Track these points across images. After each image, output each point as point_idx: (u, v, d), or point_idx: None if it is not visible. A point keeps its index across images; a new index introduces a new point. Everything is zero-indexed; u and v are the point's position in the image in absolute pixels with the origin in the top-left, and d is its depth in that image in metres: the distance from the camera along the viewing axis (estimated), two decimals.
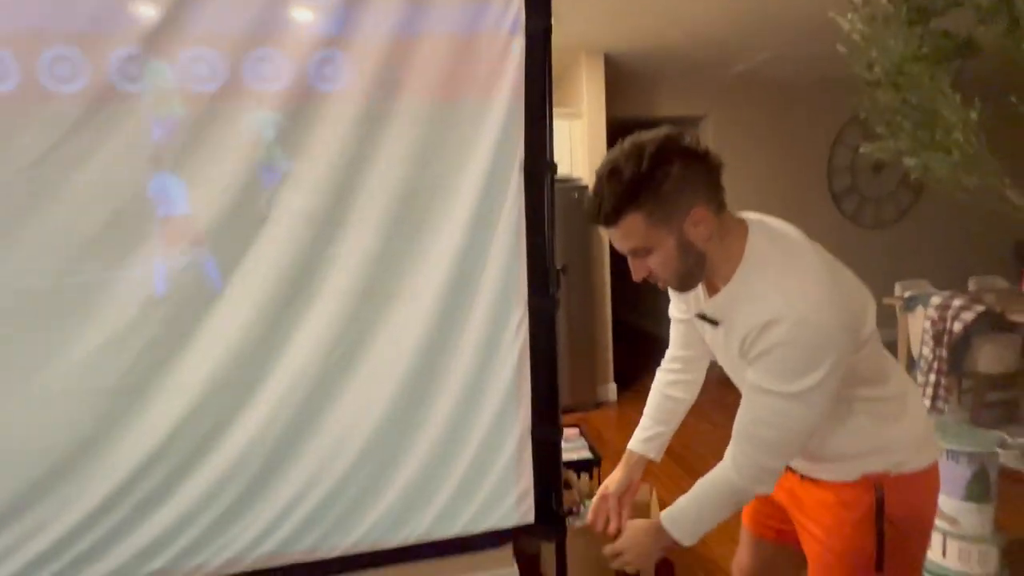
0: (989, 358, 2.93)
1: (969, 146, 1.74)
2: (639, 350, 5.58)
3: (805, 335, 0.74)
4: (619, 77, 4.07)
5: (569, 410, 3.58)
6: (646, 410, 1.14)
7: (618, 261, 4.10)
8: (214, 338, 1.07)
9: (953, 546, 1.79)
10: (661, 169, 0.74)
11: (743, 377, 0.86)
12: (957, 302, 2.96)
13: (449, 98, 1.14)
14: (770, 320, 0.75)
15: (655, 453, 1.12)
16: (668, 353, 1.13)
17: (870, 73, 1.85)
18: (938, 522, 1.83)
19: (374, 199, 1.12)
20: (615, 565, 0.93)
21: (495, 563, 1.94)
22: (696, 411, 1.21)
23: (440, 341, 1.17)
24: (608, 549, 0.93)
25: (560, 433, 1.21)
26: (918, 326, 3.17)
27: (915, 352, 3.24)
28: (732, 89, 4.53)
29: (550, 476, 1.22)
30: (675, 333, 1.11)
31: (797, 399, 0.76)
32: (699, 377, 1.12)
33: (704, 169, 0.78)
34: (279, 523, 1.14)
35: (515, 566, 1.96)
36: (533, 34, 1.11)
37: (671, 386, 1.11)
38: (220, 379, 1.08)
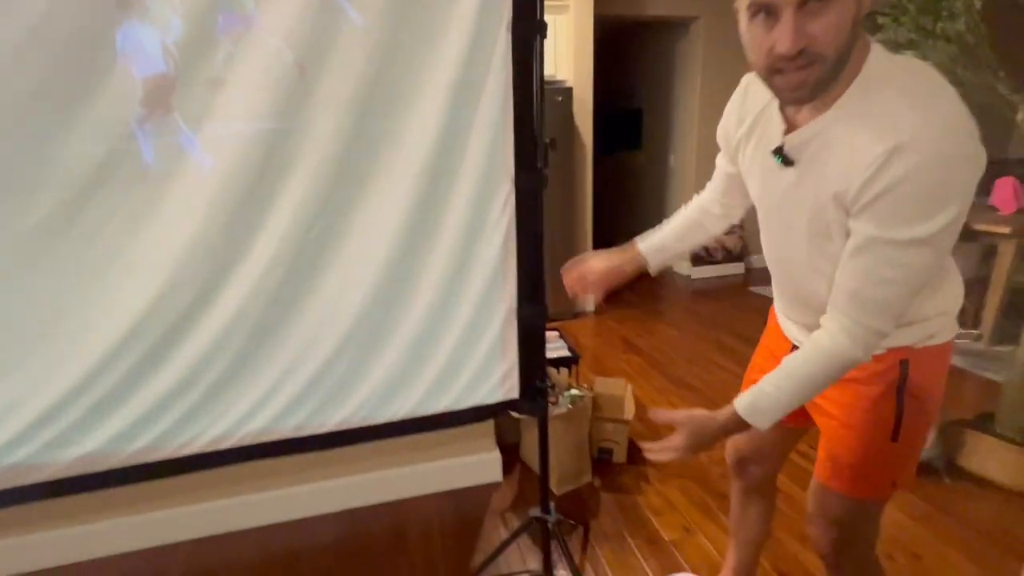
0: None
1: (971, 35, 1.68)
2: None
3: (939, 164, 0.62)
4: None
5: (548, 319, 3.68)
6: (668, 223, 1.06)
7: (599, 173, 4.02)
8: (187, 209, 1.00)
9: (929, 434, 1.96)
10: None
11: (806, 235, 0.77)
12: None
13: None
14: (898, 146, 0.62)
15: (655, 263, 1.05)
16: (708, 188, 1.05)
17: None
18: None
19: (348, 64, 1.01)
20: (661, 458, 0.85)
21: (480, 448, 2.05)
22: (668, 318, 1.25)
23: (424, 218, 1.12)
24: (659, 446, 0.85)
25: (545, 312, 1.21)
26: None
27: None
28: None
29: (534, 354, 1.24)
30: (719, 179, 1.02)
31: (925, 244, 0.64)
32: (731, 220, 1.05)
33: None
34: (266, 400, 1.14)
35: (497, 451, 2.07)
36: None
37: (703, 211, 1.04)
38: (197, 253, 1.02)
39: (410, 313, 1.17)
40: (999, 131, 4.94)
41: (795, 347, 0.91)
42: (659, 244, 1.04)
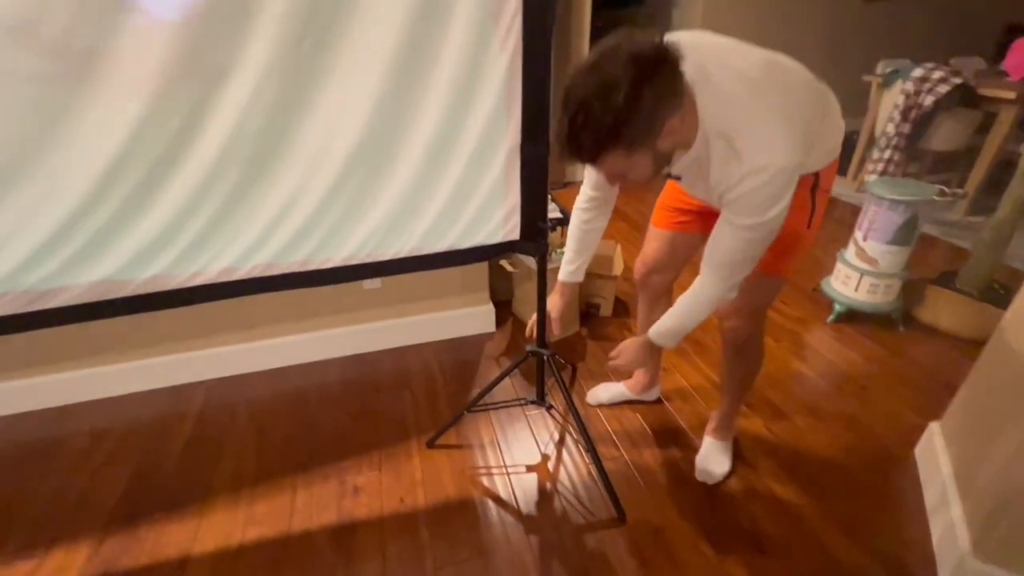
0: (946, 135, 3.03)
1: None
2: None
3: (776, 178, 0.86)
4: None
5: None
6: (569, 246, 1.34)
7: (595, 32, 3.67)
8: (166, 23, 0.90)
9: (866, 281, 2.09)
10: (635, 104, 0.75)
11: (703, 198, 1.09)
12: (937, 74, 2.91)
13: None
14: (746, 174, 0.86)
15: (581, 276, 1.39)
16: (583, 193, 1.27)
17: None
18: (857, 262, 2.10)
19: None
20: (610, 368, 1.21)
21: (475, 301, 2.15)
22: (653, 186, 1.33)
23: (423, 41, 1.04)
24: (609, 361, 1.23)
25: (548, 151, 1.19)
26: (890, 103, 3.16)
27: (878, 131, 3.30)
28: None
29: (536, 194, 1.24)
30: (588, 177, 1.24)
31: (766, 226, 0.90)
32: (610, 206, 1.29)
33: (669, 73, 0.78)
34: (270, 233, 1.15)
35: (491, 304, 2.18)
36: None
37: (590, 221, 1.29)
38: (180, 67, 0.94)
39: (410, 149, 1.14)
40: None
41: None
42: (574, 268, 1.36)
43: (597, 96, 0.75)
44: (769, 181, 0.86)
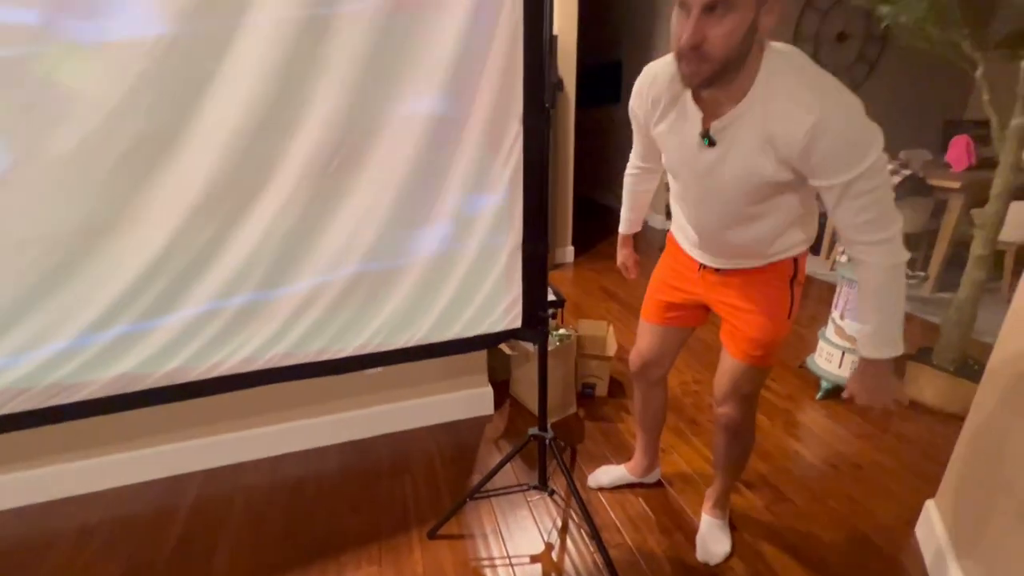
0: (905, 218, 3.30)
1: None
2: (594, 219, 5.79)
3: (846, 124, 0.83)
4: None
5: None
6: (624, 203, 1.48)
7: (577, 125, 4.02)
8: (211, 139, 1.03)
9: (848, 359, 2.19)
10: None
11: (732, 196, 1.03)
12: (889, 166, 3.22)
13: None
14: (816, 122, 0.83)
15: (638, 227, 1.52)
16: (631, 164, 1.39)
17: None
18: (838, 340, 2.21)
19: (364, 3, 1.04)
20: (870, 403, 1.04)
21: (474, 384, 2.19)
22: (642, 268, 1.53)
23: (437, 157, 1.19)
24: (857, 399, 1.05)
25: (547, 246, 1.31)
26: None
27: None
28: None
29: (537, 286, 1.35)
30: (638, 147, 1.33)
31: (874, 167, 0.85)
32: (657, 175, 1.39)
33: None
34: (290, 326, 1.22)
35: (490, 386, 2.21)
36: None
37: (639, 183, 1.42)
38: (220, 181, 1.06)
39: (423, 246, 1.25)
40: (956, 93, 5.19)
41: (702, 264, 1.23)
42: (633, 221, 1.50)
43: None
44: (847, 126, 0.84)
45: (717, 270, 1.22)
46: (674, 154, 1.10)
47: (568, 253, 4.26)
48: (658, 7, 4.90)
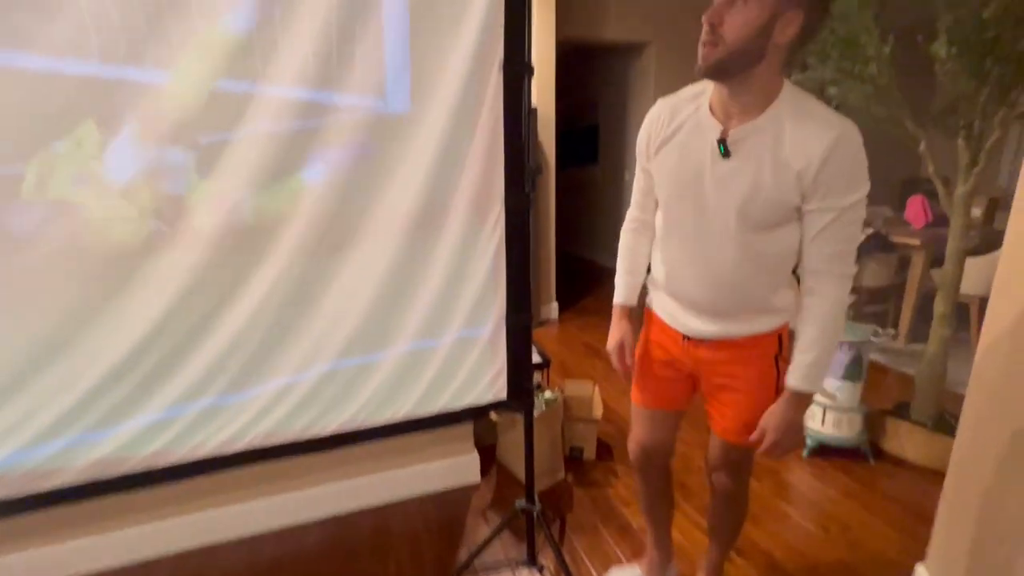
0: (872, 274, 3.44)
1: (881, 78, 1.97)
2: (577, 274, 5.91)
3: (859, 149, 0.90)
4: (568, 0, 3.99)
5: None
6: (621, 266, 1.28)
7: (562, 194, 4.18)
8: (198, 238, 1.07)
9: (830, 416, 2.22)
10: None
11: (735, 216, 0.99)
12: None
13: None
14: (839, 135, 0.88)
15: (636, 296, 1.31)
16: (630, 215, 1.27)
17: None
18: (819, 398, 2.25)
19: (356, 98, 1.12)
20: (774, 458, 1.05)
21: (459, 451, 2.15)
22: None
23: (423, 235, 1.24)
24: (760, 450, 1.07)
25: (531, 319, 1.34)
26: None
27: None
28: (676, 18, 4.59)
29: (521, 357, 1.37)
30: (638, 193, 1.23)
31: (860, 204, 0.92)
32: (652, 230, 1.25)
33: (823, 13, 0.89)
34: (274, 405, 1.22)
35: (476, 452, 2.18)
36: None
37: (639, 238, 1.26)
38: (212, 264, 1.09)
39: (409, 322, 1.28)
40: (912, 153, 5.56)
41: (685, 336, 1.16)
42: (631, 287, 1.27)
43: None
44: (859, 149, 0.89)
45: (702, 341, 1.15)
46: (676, 176, 1.07)
47: (553, 310, 4.31)
48: (631, 78, 5.26)
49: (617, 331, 1.26)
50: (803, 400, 1.03)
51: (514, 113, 1.23)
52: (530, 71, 1.22)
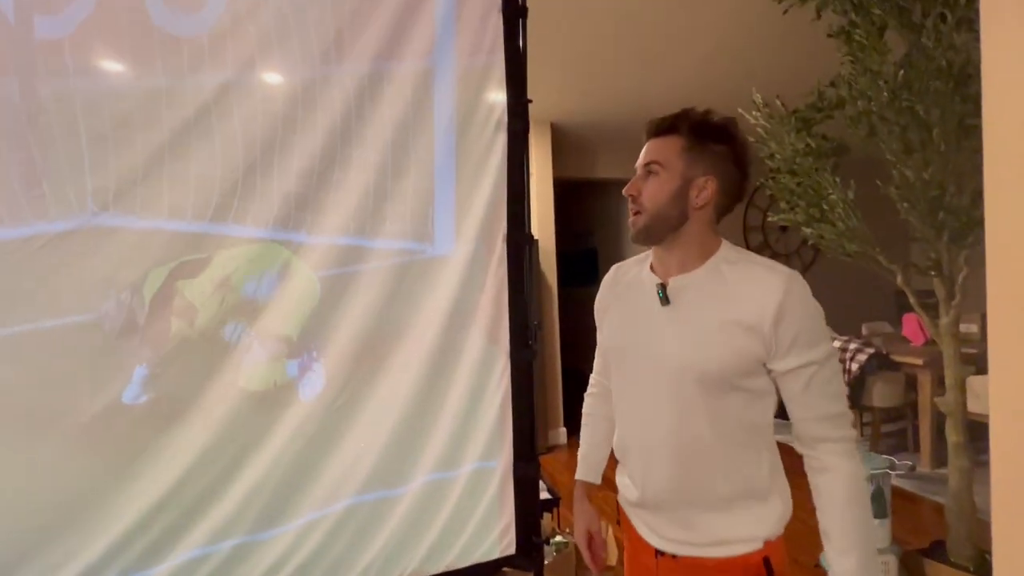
0: (881, 393, 3.42)
1: (848, 219, 2.17)
2: (583, 391, 5.84)
3: (810, 294, 0.87)
4: (563, 143, 4.51)
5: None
6: (584, 439, 1.20)
7: (565, 315, 4.34)
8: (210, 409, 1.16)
9: None
10: (724, 134, 0.91)
11: (679, 372, 0.89)
12: (853, 345, 3.45)
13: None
14: (787, 284, 0.84)
15: (599, 474, 1.20)
16: (592, 380, 1.21)
17: (772, 161, 2.28)
18: None
19: (375, 269, 1.28)
20: None
21: None
22: None
23: (432, 387, 1.31)
24: None
25: (538, 470, 1.36)
26: None
27: None
28: None
29: (529, 510, 1.36)
30: (600, 356, 1.19)
31: (834, 353, 0.86)
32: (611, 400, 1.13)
33: (740, 177, 0.92)
34: (282, 563, 1.20)
35: None
36: (514, 132, 1.36)
37: (601, 405, 1.18)
38: (224, 434, 1.16)
39: (416, 475, 1.30)
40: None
41: (659, 551, 0.95)
42: (593, 463, 1.18)
43: (713, 113, 0.91)
44: (811, 296, 0.86)
45: (675, 557, 0.93)
46: (620, 332, 1.03)
47: (561, 435, 4.22)
48: (623, 209, 5.71)
49: (581, 518, 1.14)
50: None
51: (518, 276, 1.38)
52: (532, 241, 1.40)
